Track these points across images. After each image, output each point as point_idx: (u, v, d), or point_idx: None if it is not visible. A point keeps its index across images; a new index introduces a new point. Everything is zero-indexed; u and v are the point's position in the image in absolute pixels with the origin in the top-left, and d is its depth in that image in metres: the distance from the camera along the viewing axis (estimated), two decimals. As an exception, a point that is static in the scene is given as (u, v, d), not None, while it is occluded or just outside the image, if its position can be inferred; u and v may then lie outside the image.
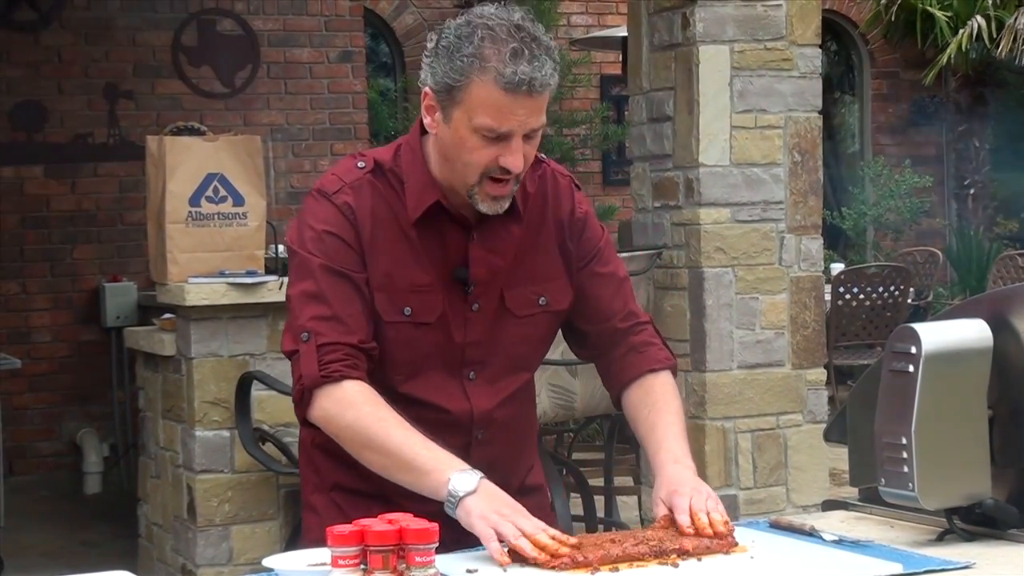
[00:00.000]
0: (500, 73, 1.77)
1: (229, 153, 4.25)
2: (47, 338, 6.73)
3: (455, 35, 1.81)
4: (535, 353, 2.01)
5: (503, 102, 1.79)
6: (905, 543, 1.80)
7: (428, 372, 1.91)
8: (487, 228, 1.91)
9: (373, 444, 1.83)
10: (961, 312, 1.87)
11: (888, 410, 1.78)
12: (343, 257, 1.87)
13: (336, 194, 1.89)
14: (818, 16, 4.38)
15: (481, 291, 1.92)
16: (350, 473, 1.93)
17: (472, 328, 1.92)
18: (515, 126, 1.80)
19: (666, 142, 4.34)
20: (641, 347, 2.02)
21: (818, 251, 4.38)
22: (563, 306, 1.98)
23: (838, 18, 9.55)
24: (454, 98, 1.81)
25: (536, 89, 1.79)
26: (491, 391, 1.95)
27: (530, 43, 1.79)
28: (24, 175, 6.70)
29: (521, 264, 1.94)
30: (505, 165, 1.82)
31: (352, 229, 1.88)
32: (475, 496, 1.74)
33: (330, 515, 1.89)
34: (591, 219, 2.02)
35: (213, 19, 7.05)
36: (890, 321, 6.74)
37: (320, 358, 1.84)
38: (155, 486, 4.50)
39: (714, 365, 4.23)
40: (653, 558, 1.69)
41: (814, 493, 4.26)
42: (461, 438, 1.92)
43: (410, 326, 1.89)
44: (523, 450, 2.06)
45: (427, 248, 1.90)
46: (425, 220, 1.89)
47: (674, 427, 1.95)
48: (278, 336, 4.14)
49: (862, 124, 9.87)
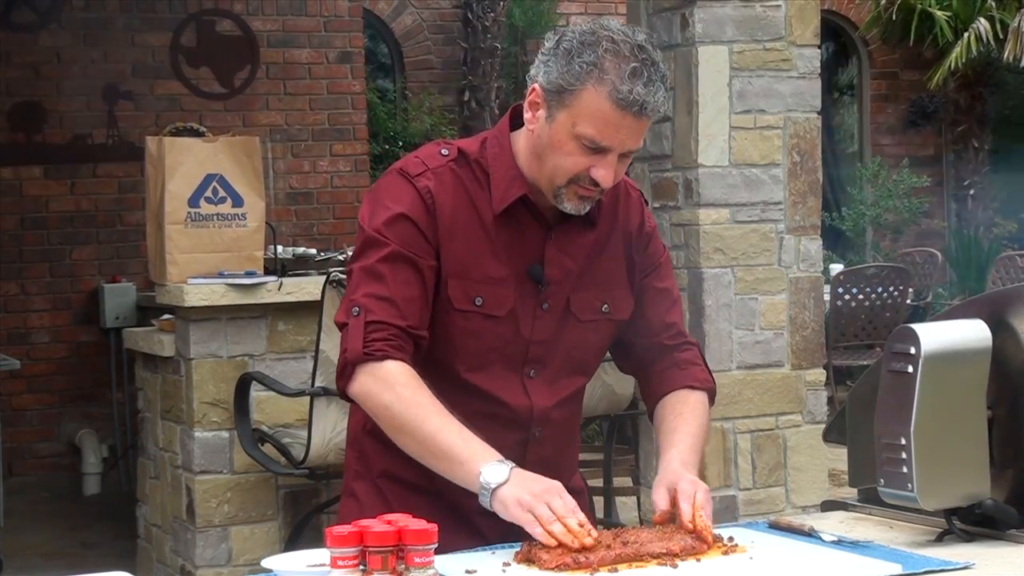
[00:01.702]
0: (616, 88, 1.79)
1: (228, 154, 4.26)
2: (46, 339, 6.74)
3: (579, 40, 1.82)
4: (593, 358, 2.02)
5: (611, 117, 1.80)
6: (904, 544, 1.80)
7: (491, 366, 1.92)
8: (564, 230, 1.93)
9: (409, 428, 1.83)
10: (960, 312, 1.87)
11: (887, 411, 1.78)
12: (412, 242, 1.87)
13: (418, 177, 1.89)
14: (817, 17, 4.38)
15: (553, 291, 1.93)
16: (400, 461, 1.92)
17: (540, 326, 1.93)
18: (616, 144, 1.82)
19: (665, 143, 4.34)
20: (683, 364, 2.03)
21: (817, 252, 4.38)
22: (624, 315, 2.00)
23: (837, 19, 9.57)
24: (563, 100, 1.82)
25: (646, 112, 1.81)
26: (549, 391, 1.95)
27: (650, 66, 1.81)
28: (23, 176, 6.72)
29: (590, 269, 1.96)
30: (596, 178, 1.84)
31: (428, 215, 1.88)
32: (508, 485, 1.75)
33: (371, 502, 1.91)
34: (656, 234, 2.06)
35: (212, 20, 7.06)
36: (889, 321, 6.76)
37: (366, 335, 1.84)
38: (154, 487, 4.50)
39: (713, 365, 4.11)
40: (651, 559, 1.70)
41: (813, 494, 4.26)
42: (519, 434, 1.93)
43: (480, 316, 1.89)
44: (571, 454, 2.08)
45: (505, 242, 1.90)
46: (507, 214, 1.90)
47: (691, 438, 1.96)
48: (277, 337, 4.15)
49: (861, 124, 9.89)
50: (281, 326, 4.12)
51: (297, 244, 5.99)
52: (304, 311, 4.04)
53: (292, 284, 4.11)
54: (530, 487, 1.75)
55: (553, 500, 1.73)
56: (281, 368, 4.08)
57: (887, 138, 9.76)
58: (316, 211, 7.23)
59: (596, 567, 1.66)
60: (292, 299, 4.07)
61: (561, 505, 1.72)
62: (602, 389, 3.93)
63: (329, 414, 3.63)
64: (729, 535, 1.81)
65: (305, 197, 7.23)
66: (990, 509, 1.78)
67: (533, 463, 1.88)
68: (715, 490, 4.26)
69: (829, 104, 9.31)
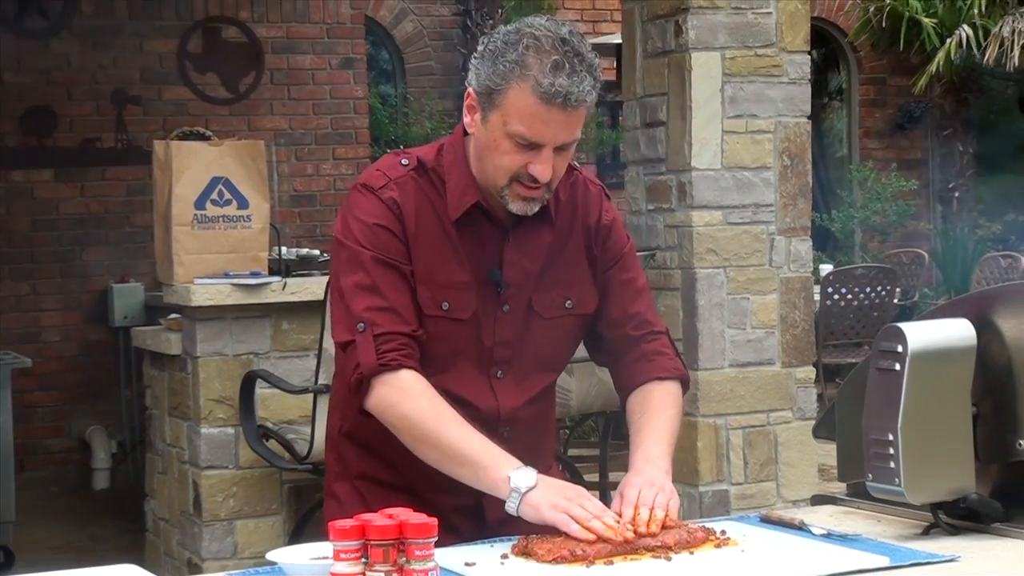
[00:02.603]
0: (539, 82, 1.79)
1: (233, 157, 4.26)
2: (57, 338, 6.76)
3: (502, 40, 1.83)
4: (562, 354, 2.02)
5: (538, 111, 1.80)
6: (892, 537, 1.82)
7: (459, 368, 1.92)
8: (521, 231, 1.93)
9: (430, 438, 1.84)
10: (946, 312, 1.88)
11: (875, 407, 1.79)
12: (393, 249, 1.89)
13: (382, 189, 1.91)
14: (807, 24, 4.41)
15: (512, 293, 1.93)
16: (376, 463, 1.95)
17: (501, 328, 1.93)
18: (547, 138, 1.82)
19: (659, 146, 4.38)
20: (651, 355, 2.02)
21: (807, 252, 4.41)
22: (588, 309, 1.99)
23: (827, 25, 9.58)
24: (493, 101, 1.83)
25: (571, 103, 1.80)
26: (518, 390, 1.96)
27: (572, 57, 1.80)
28: (34, 179, 6.73)
29: (550, 269, 1.96)
30: (534, 174, 1.84)
31: (398, 223, 1.89)
32: (538, 489, 1.77)
33: (352, 504, 1.91)
34: (617, 226, 2.04)
35: (218, 27, 7.07)
36: (877, 320, 6.74)
37: (378, 347, 1.85)
38: (162, 482, 4.51)
39: (706, 363, 4.26)
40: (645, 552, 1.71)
41: (803, 488, 4.29)
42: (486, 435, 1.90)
43: (447, 321, 1.90)
44: (544, 449, 2.06)
45: (466, 247, 1.91)
46: (465, 220, 1.91)
47: (658, 431, 1.95)
48: (281, 336, 4.15)
49: (850, 129, 9.89)
50: (285, 325, 4.13)
51: (301, 245, 6.02)
52: (307, 310, 4.04)
53: (296, 284, 4.11)
54: (562, 491, 1.78)
55: (586, 503, 1.76)
56: (285, 366, 4.08)
57: (875, 142, 9.76)
58: (319, 213, 7.24)
59: (592, 560, 1.67)
60: (296, 299, 4.07)
61: (593, 506, 1.76)
62: (598, 387, 3.91)
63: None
64: (722, 529, 1.82)
65: (308, 199, 7.24)
66: (975, 503, 1.79)
67: None
68: (708, 485, 4.31)
69: (819, 109, 9.35)
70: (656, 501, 1.81)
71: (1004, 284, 3.64)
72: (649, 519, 1.77)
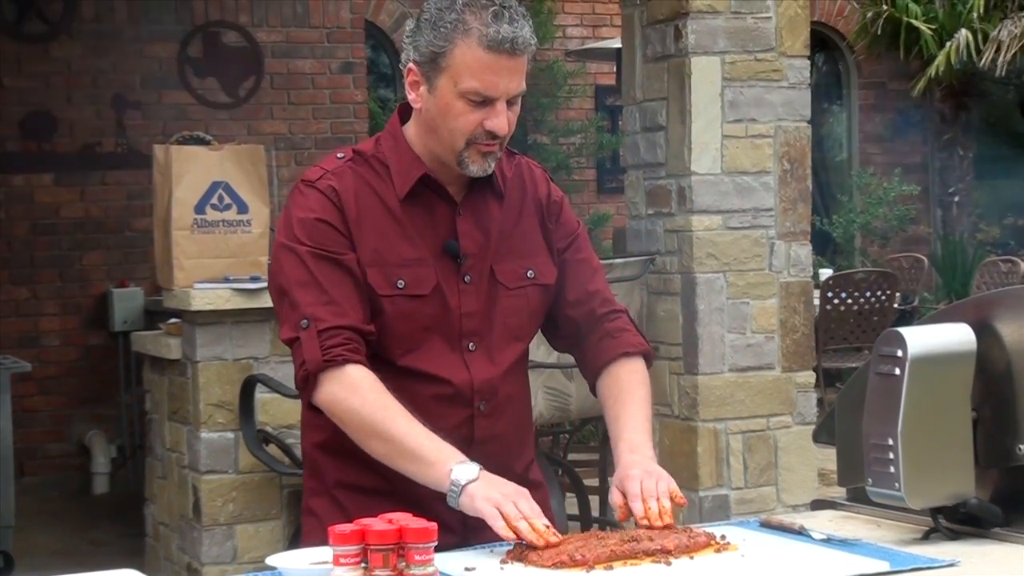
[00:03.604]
0: (483, 34, 1.83)
1: (233, 162, 4.27)
2: (56, 342, 6.77)
3: (436, 7, 1.87)
4: (527, 324, 2.02)
5: (487, 62, 1.83)
6: (892, 541, 1.81)
7: (428, 345, 1.92)
8: (472, 203, 1.96)
9: (377, 431, 1.84)
10: (946, 316, 1.88)
11: (875, 412, 1.79)
12: (332, 241, 1.89)
13: (318, 180, 1.93)
14: (807, 28, 4.42)
15: (472, 264, 1.94)
16: (352, 469, 1.94)
17: (466, 300, 1.94)
18: (499, 90, 1.85)
19: (659, 151, 4.38)
20: (615, 332, 2.04)
21: (807, 257, 4.42)
22: (550, 280, 2.01)
23: (826, 30, 9.60)
24: (439, 65, 1.86)
25: (518, 47, 1.84)
26: (491, 362, 1.96)
27: (508, 8, 1.85)
28: (34, 183, 6.75)
29: (507, 240, 1.98)
30: (491, 128, 1.86)
31: (337, 211, 1.90)
32: (477, 482, 1.77)
33: (330, 516, 1.89)
34: (566, 205, 2.07)
35: (218, 31, 7.09)
36: (877, 325, 6.76)
37: (322, 343, 1.85)
38: (161, 486, 4.51)
39: (706, 368, 4.27)
40: (645, 556, 1.71)
41: (803, 493, 4.30)
42: (464, 411, 1.93)
43: (405, 299, 1.90)
44: (523, 434, 2.05)
45: (415, 224, 1.93)
46: (412, 197, 1.92)
47: (635, 417, 1.96)
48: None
49: (850, 133, 9.92)
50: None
51: (301, 250, 6.05)
52: None
53: None
54: (499, 487, 1.77)
55: (520, 501, 1.75)
56: (285, 370, 4.05)
57: (875, 146, 9.79)
58: (320, 218, 7.31)
59: (591, 564, 1.67)
60: None
61: (528, 507, 1.75)
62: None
63: (331, 415, 3.67)
64: (722, 533, 1.82)
65: (309, 204, 7.31)
66: (975, 508, 1.79)
67: (482, 439, 1.92)
68: (708, 489, 4.32)
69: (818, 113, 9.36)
70: (659, 489, 1.85)
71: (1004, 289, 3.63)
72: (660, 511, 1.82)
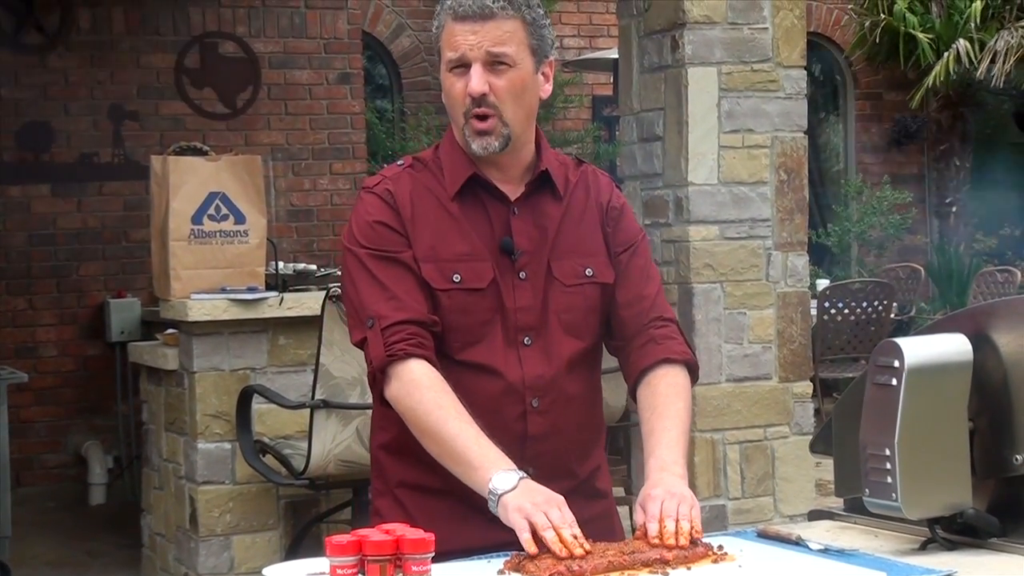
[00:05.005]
0: (452, 8, 1.93)
1: (230, 172, 4.28)
2: (53, 353, 6.75)
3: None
4: (584, 322, 2.02)
5: (456, 30, 1.92)
6: (889, 552, 1.82)
7: (488, 338, 1.95)
8: (527, 203, 2.01)
9: (431, 431, 1.87)
10: (942, 327, 1.88)
11: (872, 422, 1.80)
12: (389, 241, 1.96)
13: (376, 186, 2.01)
14: (803, 39, 4.44)
15: (527, 260, 1.98)
16: (413, 469, 1.96)
17: (520, 295, 1.97)
18: (469, 50, 1.91)
19: (656, 161, 4.40)
20: (660, 339, 2.03)
21: (804, 267, 4.43)
22: (608, 279, 2.03)
23: (823, 41, 9.63)
24: (438, 51, 1.98)
25: (486, 12, 1.91)
26: (546, 358, 1.97)
27: None
28: (31, 194, 6.74)
29: (565, 238, 2.01)
30: (469, 91, 1.92)
31: (393, 212, 1.97)
32: (514, 492, 1.77)
33: (392, 516, 1.92)
34: (628, 211, 2.11)
35: (215, 42, 7.10)
36: (874, 335, 6.78)
37: (386, 339, 1.90)
38: (158, 497, 4.52)
39: (703, 378, 4.18)
40: (642, 567, 1.70)
41: (800, 503, 4.31)
42: (517, 406, 1.94)
43: (462, 292, 1.95)
44: (587, 437, 2.03)
45: (471, 221, 1.98)
46: (466, 197, 1.99)
47: (670, 432, 1.95)
48: (278, 350, 4.16)
49: (846, 144, 9.94)
50: (282, 340, 4.15)
51: (298, 260, 6.05)
52: (304, 325, 4.06)
53: (293, 299, 4.13)
54: (533, 496, 1.76)
55: (551, 510, 1.74)
56: (282, 381, 4.10)
57: (871, 157, 9.81)
58: (316, 228, 7.25)
59: (588, 575, 1.67)
60: (293, 314, 4.09)
61: (559, 516, 1.74)
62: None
63: (329, 426, 3.64)
64: (719, 544, 1.81)
65: (305, 214, 7.25)
66: (972, 518, 1.80)
67: (536, 436, 1.93)
68: (705, 500, 4.31)
69: (815, 124, 9.39)
70: (680, 512, 1.81)
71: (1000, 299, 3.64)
72: (676, 532, 1.78)
